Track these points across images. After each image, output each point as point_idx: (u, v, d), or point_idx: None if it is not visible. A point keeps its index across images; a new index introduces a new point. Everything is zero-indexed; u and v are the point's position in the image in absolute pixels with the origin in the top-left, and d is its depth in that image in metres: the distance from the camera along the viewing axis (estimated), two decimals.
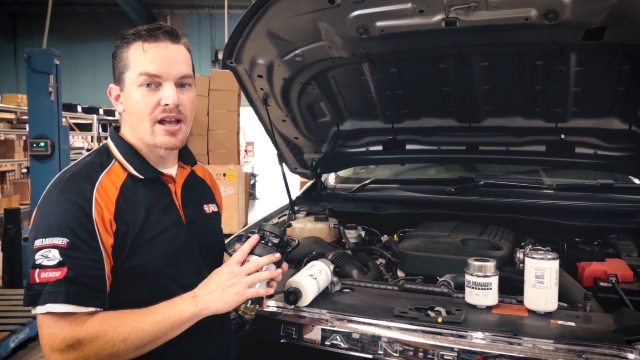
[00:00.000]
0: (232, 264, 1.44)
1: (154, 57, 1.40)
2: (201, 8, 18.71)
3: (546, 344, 1.49)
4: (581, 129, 2.54)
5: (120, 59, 1.44)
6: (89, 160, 1.46)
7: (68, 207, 1.31)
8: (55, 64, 5.96)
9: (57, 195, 1.34)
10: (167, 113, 1.42)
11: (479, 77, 2.42)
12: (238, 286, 1.39)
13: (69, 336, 1.25)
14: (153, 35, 1.41)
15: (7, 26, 19.56)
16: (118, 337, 1.27)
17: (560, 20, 1.92)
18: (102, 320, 1.29)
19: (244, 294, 1.40)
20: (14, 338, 4.08)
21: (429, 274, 2.10)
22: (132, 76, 1.41)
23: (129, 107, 1.45)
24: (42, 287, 1.25)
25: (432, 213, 2.73)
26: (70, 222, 1.30)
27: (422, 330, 1.61)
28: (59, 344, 1.25)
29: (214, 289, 1.39)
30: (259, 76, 2.53)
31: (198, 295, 1.38)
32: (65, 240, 1.28)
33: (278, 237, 1.52)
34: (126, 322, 1.30)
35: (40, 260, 1.26)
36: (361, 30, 2.16)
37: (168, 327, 1.33)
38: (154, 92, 1.41)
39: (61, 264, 1.26)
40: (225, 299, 1.38)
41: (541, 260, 1.68)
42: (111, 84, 1.48)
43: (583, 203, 2.54)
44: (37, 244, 1.28)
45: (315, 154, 3.09)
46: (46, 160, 6.00)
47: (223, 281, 1.40)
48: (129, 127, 1.49)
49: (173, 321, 1.33)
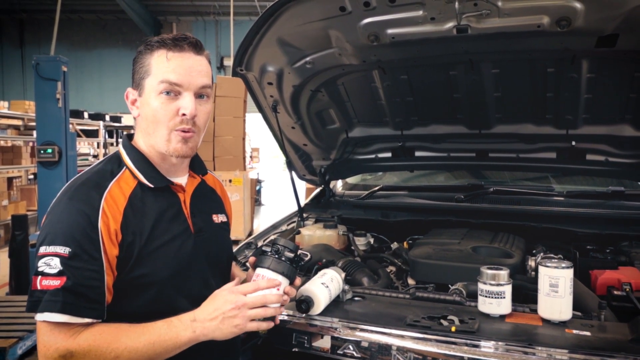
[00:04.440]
0: (238, 293, 1.39)
1: (176, 66, 1.41)
2: (207, 15, 18.81)
3: (562, 354, 1.47)
4: (592, 135, 2.52)
5: (141, 65, 1.44)
6: (100, 168, 1.45)
7: (74, 216, 1.32)
8: (62, 70, 6.00)
9: (65, 203, 1.35)
10: (184, 125, 1.42)
11: (490, 84, 2.41)
12: (238, 320, 1.36)
13: (62, 347, 1.25)
14: (178, 45, 1.42)
15: (14, 34, 19.71)
16: (110, 354, 1.27)
17: (572, 27, 1.91)
18: (97, 334, 1.28)
19: (243, 327, 1.37)
20: (22, 345, 4.07)
21: (440, 281, 2.09)
22: (153, 83, 1.41)
23: (146, 113, 1.44)
24: (42, 295, 1.26)
25: (442, 220, 2.71)
26: (74, 232, 1.30)
27: (436, 340, 1.59)
28: (52, 353, 1.25)
29: (214, 316, 1.35)
30: (268, 83, 2.53)
31: (197, 320, 1.35)
32: (68, 249, 1.28)
33: (293, 252, 1.51)
34: (121, 339, 1.28)
35: (43, 268, 1.28)
36: (372, 37, 2.16)
37: (162, 350, 1.31)
38: (172, 100, 1.42)
39: (61, 273, 1.27)
40: (223, 330, 1.35)
41: (555, 269, 1.66)
42: (129, 87, 1.48)
43: (594, 210, 2.52)
44: (42, 251, 1.30)
45: (324, 160, 3.08)
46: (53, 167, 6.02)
47: (225, 310, 1.36)
48: (143, 134, 1.48)
49: (168, 345, 1.31)
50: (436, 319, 1.70)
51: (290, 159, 3.02)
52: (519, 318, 1.72)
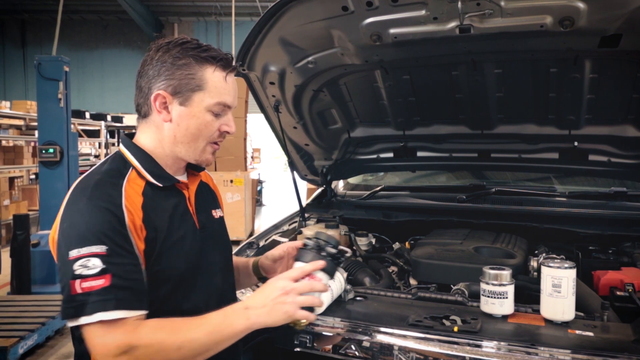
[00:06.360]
0: (286, 279, 1.41)
1: (231, 90, 1.48)
2: (208, 16, 18.84)
3: (565, 354, 1.47)
4: (595, 136, 2.52)
5: (191, 76, 1.42)
6: (108, 168, 1.44)
7: (100, 215, 1.30)
8: (64, 71, 6.02)
9: (86, 204, 1.32)
10: (220, 139, 1.51)
11: (492, 84, 2.41)
12: (289, 306, 1.37)
13: (123, 343, 1.24)
14: (230, 66, 1.48)
15: (16, 34, 19.76)
16: (173, 344, 1.27)
17: (575, 27, 1.91)
18: (155, 327, 1.28)
19: (293, 314, 1.38)
20: (23, 344, 4.08)
21: (442, 282, 2.08)
22: (208, 101, 1.44)
23: (187, 124, 1.45)
24: (86, 297, 1.23)
25: (444, 220, 2.71)
26: (105, 230, 1.28)
27: (438, 340, 1.59)
28: (114, 352, 1.23)
29: (264, 303, 1.37)
30: (270, 83, 2.53)
31: (250, 307, 1.36)
32: (104, 247, 1.27)
33: (335, 248, 1.51)
34: (180, 331, 1.29)
35: (80, 271, 1.24)
36: (374, 37, 2.16)
37: (221, 339, 1.33)
38: (218, 118, 1.48)
39: (104, 271, 1.25)
40: (274, 316, 1.37)
41: (558, 269, 1.66)
42: (163, 91, 1.43)
43: (596, 211, 2.51)
44: (73, 254, 1.26)
45: (325, 160, 3.08)
46: (55, 167, 6.04)
47: (274, 296, 1.37)
48: (169, 140, 1.47)
49: (226, 334, 1.33)
50: (438, 319, 1.69)
51: (292, 159, 3.01)
52: (522, 318, 1.71)
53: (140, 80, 1.47)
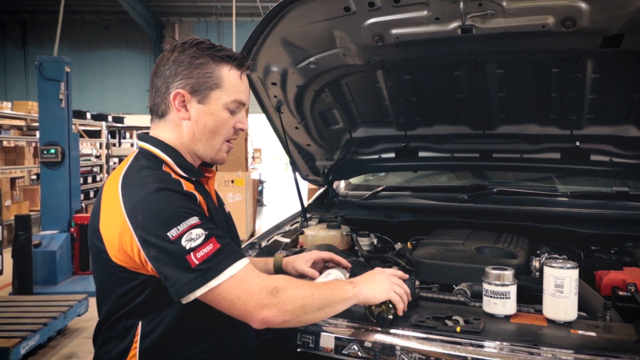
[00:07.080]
0: (383, 270, 1.68)
1: (246, 88, 1.54)
2: (209, 16, 18.83)
3: (567, 354, 1.47)
4: (597, 136, 2.52)
5: (209, 74, 1.46)
6: (145, 165, 1.44)
7: (175, 197, 1.35)
8: (66, 71, 6.02)
9: (157, 194, 1.33)
10: (235, 136, 1.58)
11: (494, 84, 2.41)
12: (386, 285, 1.59)
13: (265, 285, 1.33)
14: (246, 65, 1.53)
15: (17, 34, 19.76)
16: (306, 290, 1.39)
17: (577, 27, 1.91)
18: (284, 277, 1.47)
19: (389, 292, 1.59)
20: (25, 345, 4.09)
21: (445, 282, 2.08)
22: (225, 98, 1.49)
23: (206, 122, 1.49)
24: (206, 264, 1.28)
25: (446, 221, 2.71)
26: (187, 206, 1.34)
27: (441, 340, 1.58)
28: (259, 294, 1.31)
29: (367, 279, 1.59)
30: (272, 83, 2.53)
31: (354, 282, 1.57)
32: (196, 217, 1.32)
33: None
34: (305, 282, 1.47)
35: (189, 244, 1.28)
36: (376, 37, 2.16)
37: (337, 299, 1.47)
38: (233, 115, 1.53)
39: (208, 236, 1.30)
40: (375, 291, 1.57)
41: (561, 269, 1.65)
42: (182, 90, 1.46)
43: (598, 211, 2.51)
44: (174, 234, 1.28)
45: (327, 161, 3.09)
46: (56, 167, 6.05)
47: (375, 278, 1.61)
48: (184, 137, 1.50)
49: (341, 296, 1.48)
50: (441, 319, 1.69)
51: (294, 159, 3.02)
52: (524, 318, 1.71)
53: (157, 81, 1.49)
